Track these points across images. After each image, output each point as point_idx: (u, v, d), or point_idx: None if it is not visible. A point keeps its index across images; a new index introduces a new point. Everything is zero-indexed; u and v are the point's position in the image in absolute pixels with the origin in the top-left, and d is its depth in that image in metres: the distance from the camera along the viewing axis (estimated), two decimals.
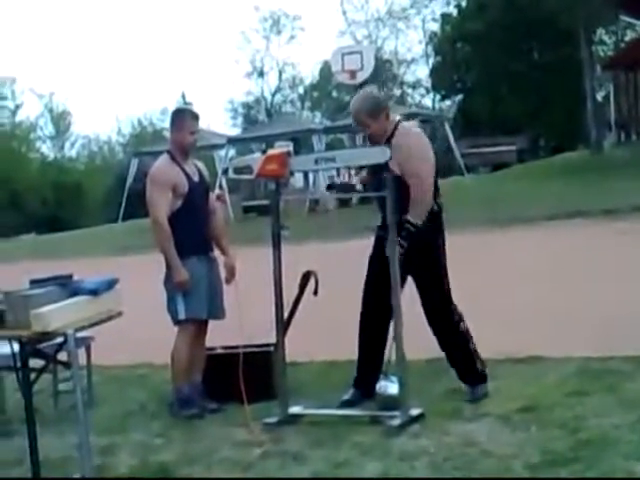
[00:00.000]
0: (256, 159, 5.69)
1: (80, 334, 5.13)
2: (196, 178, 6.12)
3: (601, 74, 39.40)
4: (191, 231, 6.01)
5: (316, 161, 5.78)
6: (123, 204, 29.75)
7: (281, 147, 6.61)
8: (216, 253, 6.23)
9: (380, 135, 5.67)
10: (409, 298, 5.71)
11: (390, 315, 5.51)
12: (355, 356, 6.00)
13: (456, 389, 5.88)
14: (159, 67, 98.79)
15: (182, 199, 5.98)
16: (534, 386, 5.80)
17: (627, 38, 44.18)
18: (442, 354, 5.96)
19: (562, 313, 8.07)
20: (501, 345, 6.71)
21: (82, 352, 6.32)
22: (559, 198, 18.84)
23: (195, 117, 6.20)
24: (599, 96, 38.33)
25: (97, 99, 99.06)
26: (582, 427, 4.85)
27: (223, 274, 6.22)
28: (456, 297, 5.86)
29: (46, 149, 64.96)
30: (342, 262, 10.99)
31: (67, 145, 66.23)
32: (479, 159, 35.98)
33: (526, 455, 4.52)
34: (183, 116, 6.26)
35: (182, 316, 5.95)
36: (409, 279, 5.75)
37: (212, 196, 6.34)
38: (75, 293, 4.90)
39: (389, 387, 5.54)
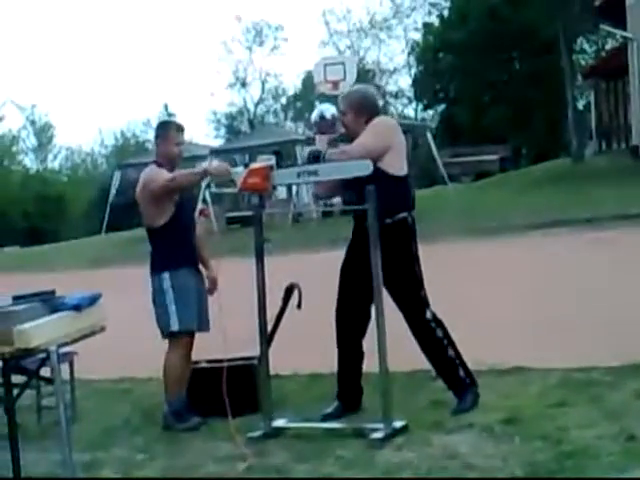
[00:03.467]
0: (239, 173, 5.69)
1: (63, 349, 5.12)
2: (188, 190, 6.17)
3: (582, 83, 39.59)
4: (182, 242, 6.06)
5: (298, 175, 5.80)
6: (106, 216, 29.68)
7: (263, 160, 6.62)
8: None
9: (350, 130, 5.84)
10: (388, 309, 5.72)
11: (365, 326, 5.57)
12: None
13: (439, 400, 5.90)
14: (141, 78, 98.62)
15: (174, 207, 6.00)
16: (517, 397, 5.82)
17: (607, 47, 44.45)
18: (424, 366, 5.98)
19: (544, 323, 8.09)
20: (483, 356, 6.72)
21: (65, 367, 6.30)
22: (540, 207, 18.90)
23: (180, 129, 6.24)
24: (580, 105, 38.56)
25: (79, 111, 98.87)
26: (565, 439, 4.85)
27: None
28: (438, 307, 5.89)
29: (28, 161, 64.82)
30: (325, 273, 10.92)
31: (50, 157, 66.10)
32: (461, 168, 36.02)
33: (510, 467, 4.52)
34: (168, 128, 6.29)
35: (175, 327, 5.95)
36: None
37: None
38: (58, 309, 4.89)
39: None
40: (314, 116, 6.08)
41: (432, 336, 5.81)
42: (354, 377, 5.87)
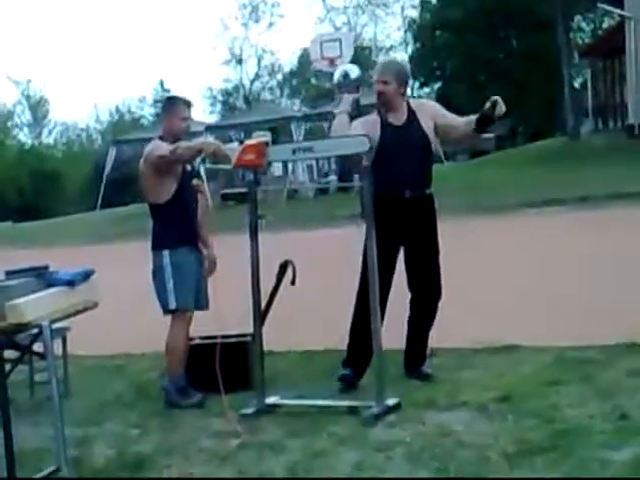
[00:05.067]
0: (234, 149, 5.66)
1: (56, 325, 5.10)
2: (187, 166, 6.15)
3: (579, 61, 39.54)
4: (183, 220, 6.06)
5: (294, 151, 5.79)
6: (101, 192, 29.63)
7: (259, 136, 6.56)
8: None
9: (390, 99, 5.85)
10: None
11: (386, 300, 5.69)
12: (332, 345, 6.00)
13: (433, 378, 5.92)
14: (137, 55, 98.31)
15: (176, 184, 6.00)
16: (510, 376, 5.82)
17: (605, 25, 44.35)
18: None
19: (540, 302, 8.10)
20: (478, 334, 6.75)
21: (58, 343, 6.29)
22: (536, 185, 18.90)
23: (187, 104, 6.25)
24: (576, 83, 38.48)
25: (75, 86, 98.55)
26: (558, 417, 4.87)
27: None
28: None
29: (23, 136, 64.67)
30: (320, 250, 10.99)
31: (45, 132, 65.94)
32: (458, 146, 35.97)
33: (502, 445, 4.53)
34: (175, 103, 6.30)
35: (173, 305, 5.96)
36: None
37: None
38: (51, 284, 4.87)
39: None
40: (337, 75, 6.07)
41: (437, 309, 5.99)
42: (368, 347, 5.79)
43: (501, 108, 5.66)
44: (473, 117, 5.87)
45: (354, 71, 6.03)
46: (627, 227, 12.33)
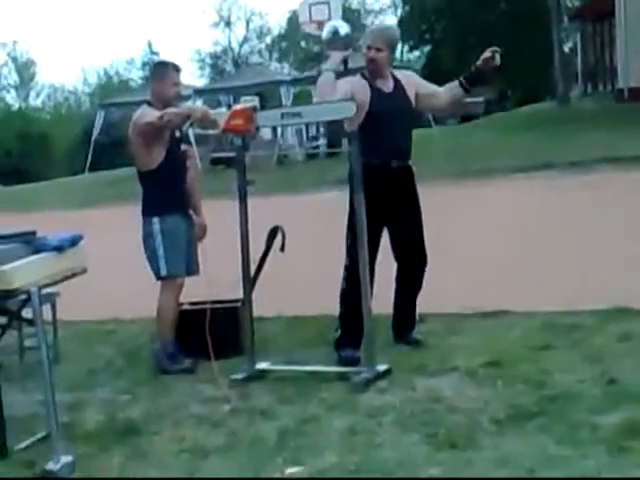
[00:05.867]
0: (221, 114, 5.63)
1: (45, 290, 5.08)
2: (176, 132, 6.11)
3: (568, 25, 39.36)
4: (173, 187, 6.05)
5: (282, 116, 5.76)
6: (89, 155, 29.46)
7: (246, 102, 6.48)
8: None
9: (381, 67, 5.79)
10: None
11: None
12: (323, 310, 5.98)
13: (423, 343, 5.93)
14: (125, 17, 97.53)
15: (165, 151, 5.97)
16: (500, 341, 5.84)
17: None
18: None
19: (529, 267, 8.11)
20: (468, 299, 6.76)
21: (47, 308, 6.27)
22: (527, 150, 18.85)
23: (177, 69, 6.21)
24: (566, 47, 38.33)
25: (62, 48, 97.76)
26: (547, 382, 4.90)
27: None
28: None
29: (10, 99, 64.12)
30: (310, 215, 10.98)
31: (32, 95, 65.47)
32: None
33: (492, 410, 4.55)
34: (165, 68, 6.25)
35: (164, 272, 5.96)
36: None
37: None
38: (39, 250, 4.84)
39: None
40: (326, 32, 5.97)
41: (423, 276, 6.00)
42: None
43: (497, 59, 5.66)
44: (454, 83, 5.86)
45: (344, 27, 5.95)
46: (617, 190, 12.33)
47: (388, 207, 5.72)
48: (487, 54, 5.71)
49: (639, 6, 24.86)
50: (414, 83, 5.98)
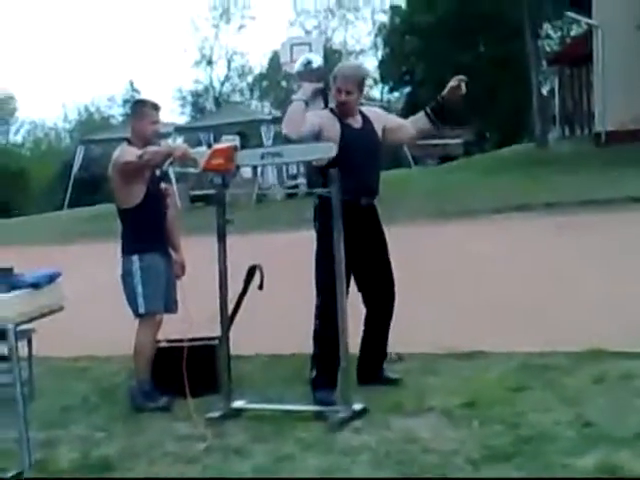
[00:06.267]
0: (202, 153, 5.66)
1: (21, 327, 5.07)
2: (156, 171, 6.14)
3: (547, 68, 39.78)
4: (152, 225, 6.06)
5: (262, 156, 5.78)
6: (69, 191, 29.43)
7: (227, 141, 6.52)
8: None
9: (352, 108, 5.83)
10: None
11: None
12: (299, 349, 5.96)
13: (400, 383, 5.94)
14: (107, 53, 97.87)
15: (145, 189, 5.98)
16: (476, 381, 5.85)
17: (573, 33, 44.67)
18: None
19: (505, 307, 8.13)
20: (444, 340, 6.77)
21: (24, 344, 6.23)
22: (504, 191, 18.96)
23: (156, 108, 6.25)
24: (544, 90, 38.70)
25: (43, 84, 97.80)
26: (522, 423, 4.90)
27: None
28: (399, 290, 5.94)
29: None
30: (288, 254, 11.00)
31: (12, 130, 65.37)
32: (426, 151, 36.12)
33: (467, 450, 4.56)
34: (144, 106, 6.30)
35: (142, 310, 5.96)
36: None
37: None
38: (15, 286, 4.84)
39: None
40: (299, 63, 5.97)
41: (392, 314, 6.00)
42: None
43: (463, 88, 5.72)
44: (420, 114, 5.93)
45: (317, 60, 5.99)
46: (594, 233, 12.41)
47: (356, 243, 5.66)
48: (453, 83, 5.77)
49: (616, 51, 25.16)
50: (381, 118, 6.04)
